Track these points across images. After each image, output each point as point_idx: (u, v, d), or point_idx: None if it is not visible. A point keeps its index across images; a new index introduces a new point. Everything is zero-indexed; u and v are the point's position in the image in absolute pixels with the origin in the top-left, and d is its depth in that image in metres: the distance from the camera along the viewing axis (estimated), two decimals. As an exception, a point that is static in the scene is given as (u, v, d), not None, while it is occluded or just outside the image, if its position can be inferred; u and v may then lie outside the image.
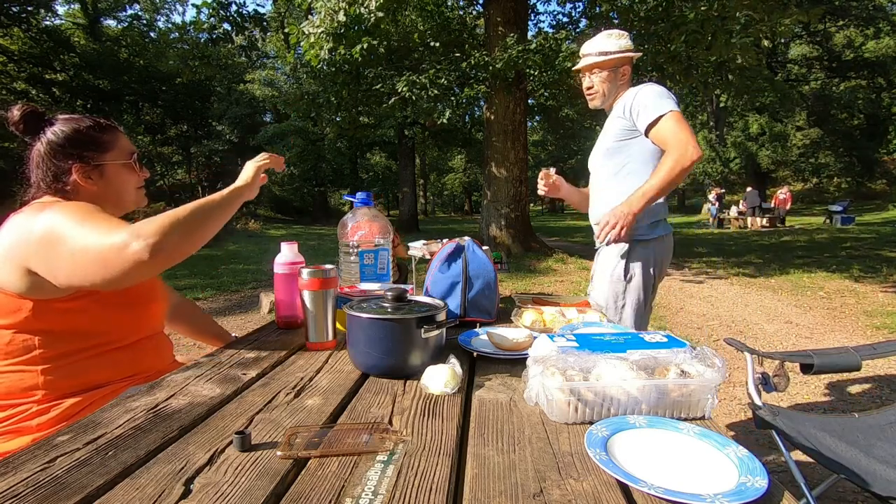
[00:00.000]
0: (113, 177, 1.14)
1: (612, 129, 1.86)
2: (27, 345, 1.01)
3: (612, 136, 1.85)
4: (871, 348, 1.50)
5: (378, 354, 0.93)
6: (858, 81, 23.73)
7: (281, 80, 27.41)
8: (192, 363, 1.04)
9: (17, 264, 0.97)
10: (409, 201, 19.82)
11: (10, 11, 15.58)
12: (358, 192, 1.45)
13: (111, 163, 1.13)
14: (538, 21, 13.24)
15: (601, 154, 1.90)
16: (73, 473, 0.60)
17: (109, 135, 1.14)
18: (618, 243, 1.77)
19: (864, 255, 8.50)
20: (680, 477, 0.60)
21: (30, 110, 1.09)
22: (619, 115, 1.83)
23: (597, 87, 1.89)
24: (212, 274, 7.73)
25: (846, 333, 4.15)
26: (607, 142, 1.87)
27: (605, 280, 1.83)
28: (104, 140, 1.13)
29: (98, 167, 1.11)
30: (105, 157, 1.12)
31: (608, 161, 1.87)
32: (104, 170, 1.12)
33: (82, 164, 1.09)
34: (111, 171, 1.13)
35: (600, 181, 1.91)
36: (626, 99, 1.81)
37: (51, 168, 1.08)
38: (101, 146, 1.12)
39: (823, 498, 1.88)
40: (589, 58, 1.87)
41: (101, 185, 1.12)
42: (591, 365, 0.79)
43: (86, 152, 1.09)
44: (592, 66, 1.87)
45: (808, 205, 25.26)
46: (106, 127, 1.15)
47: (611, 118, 1.89)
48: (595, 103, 1.94)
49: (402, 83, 7.99)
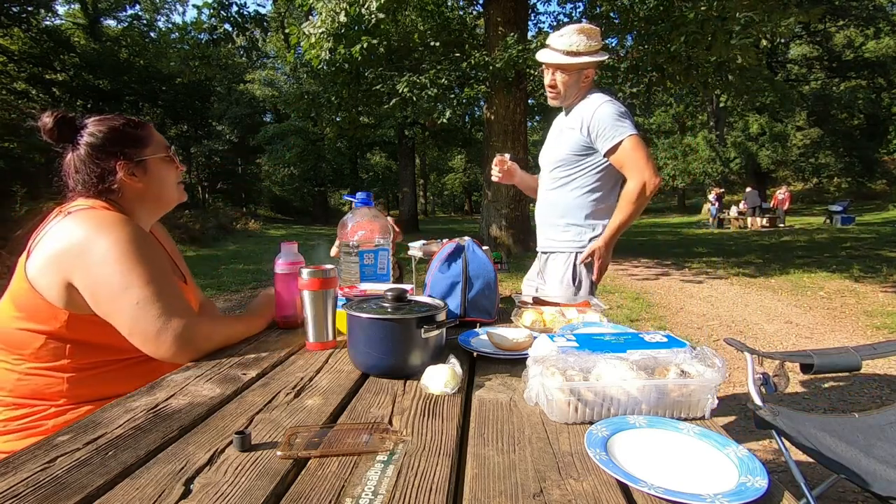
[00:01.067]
0: (155, 172, 1.15)
1: (569, 141, 1.86)
2: (58, 352, 1.02)
3: (567, 147, 1.87)
4: (871, 348, 1.50)
5: (378, 354, 0.93)
6: (858, 81, 23.73)
7: (281, 80, 27.42)
8: (192, 363, 1.04)
9: (60, 276, 0.97)
10: (409, 201, 19.83)
11: (10, 11, 15.58)
12: (358, 192, 1.45)
13: (152, 157, 1.14)
14: (538, 21, 13.21)
15: (555, 159, 1.91)
16: (73, 473, 0.60)
17: (145, 130, 1.15)
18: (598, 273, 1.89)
19: (864, 255, 8.50)
20: (680, 477, 0.60)
21: (62, 116, 1.08)
22: (575, 127, 1.83)
23: (559, 88, 1.87)
24: (212, 274, 7.74)
25: (846, 333, 4.15)
26: (562, 151, 1.88)
27: (555, 286, 1.92)
28: (141, 136, 1.14)
29: (140, 163, 1.12)
30: (145, 152, 1.13)
31: (559, 169, 1.91)
32: (146, 165, 1.13)
33: (126, 161, 1.10)
34: (153, 166, 1.14)
35: (549, 184, 1.95)
36: (584, 112, 1.81)
37: (94, 170, 1.08)
38: (140, 142, 1.13)
39: (823, 498, 1.88)
40: (556, 55, 1.82)
41: (145, 181, 1.13)
42: (591, 365, 0.79)
43: (127, 149, 1.10)
44: (557, 67, 1.84)
45: (808, 205, 25.25)
46: (140, 123, 1.16)
47: (567, 125, 1.89)
48: (555, 102, 1.93)
49: (403, 83, 8.00)
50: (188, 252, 11.23)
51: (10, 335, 1.01)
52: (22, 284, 1.00)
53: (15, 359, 1.02)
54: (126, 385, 1.08)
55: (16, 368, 1.02)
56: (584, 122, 1.80)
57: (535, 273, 2.08)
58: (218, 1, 8.97)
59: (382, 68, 8.95)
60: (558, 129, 1.95)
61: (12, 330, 1.01)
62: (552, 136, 1.98)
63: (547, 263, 1.99)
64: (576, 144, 1.84)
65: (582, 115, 1.82)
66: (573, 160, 1.86)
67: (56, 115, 1.07)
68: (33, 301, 0.99)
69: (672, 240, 13.45)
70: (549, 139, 2.01)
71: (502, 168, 1.97)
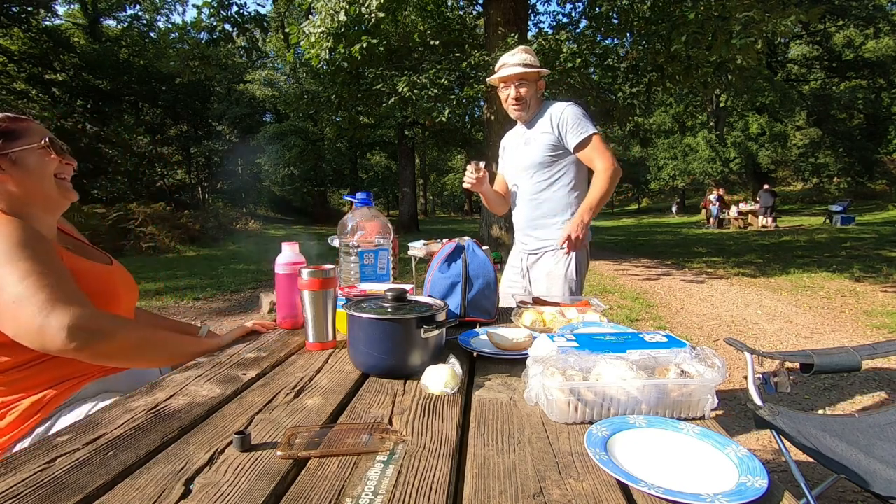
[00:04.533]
0: (27, 164, 1.07)
1: (541, 144, 1.97)
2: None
3: (541, 150, 1.97)
4: (871, 348, 1.50)
5: (378, 354, 0.93)
6: (858, 81, 23.74)
7: (281, 80, 27.43)
8: (192, 363, 1.04)
9: None
10: (408, 201, 19.82)
11: (9, 12, 15.59)
12: (358, 192, 1.45)
13: (22, 149, 1.07)
14: (538, 21, 13.21)
15: (530, 166, 2.00)
16: (72, 474, 0.60)
17: (19, 124, 1.09)
18: (576, 250, 1.96)
19: (864, 255, 8.50)
20: (680, 477, 0.60)
21: None
22: (545, 130, 1.97)
23: (526, 99, 1.98)
24: (212, 274, 7.73)
25: (846, 333, 4.15)
26: (537, 155, 1.98)
27: (558, 281, 1.99)
28: (12, 129, 1.08)
29: (6, 156, 1.05)
30: (15, 144, 1.07)
31: (539, 173, 2.00)
32: (16, 158, 1.06)
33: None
34: (24, 158, 1.07)
35: (531, 191, 2.03)
36: (552, 114, 1.95)
37: None
38: (10, 135, 1.07)
39: (823, 498, 1.88)
40: (515, 68, 1.94)
41: (14, 174, 1.06)
42: (590, 365, 0.79)
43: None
44: (520, 77, 1.95)
45: (808, 205, 25.26)
46: (15, 118, 1.10)
47: (534, 132, 2.01)
48: (522, 114, 2.02)
49: (403, 83, 7.99)
50: (188, 252, 11.24)
51: None
52: None
53: None
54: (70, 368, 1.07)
55: None
56: (554, 121, 1.95)
57: (519, 275, 2.14)
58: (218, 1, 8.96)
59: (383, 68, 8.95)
60: (522, 141, 2.06)
61: None
62: (517, 148, 2.08)
63: (538, 263, 2.06)
64: (548, 146, 1.96)
65: (550, 116, 1.96)
66: (550, 161, 1.98)
67: None
68: None
69: (672, 240, 13.46)
70: (512, 152, 2.11)
71: (478, 175, 2.00)
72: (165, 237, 11.54)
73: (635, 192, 37.19)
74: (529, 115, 2.03)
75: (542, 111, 2.01)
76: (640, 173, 31.57)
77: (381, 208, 32.05)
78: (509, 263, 2.24)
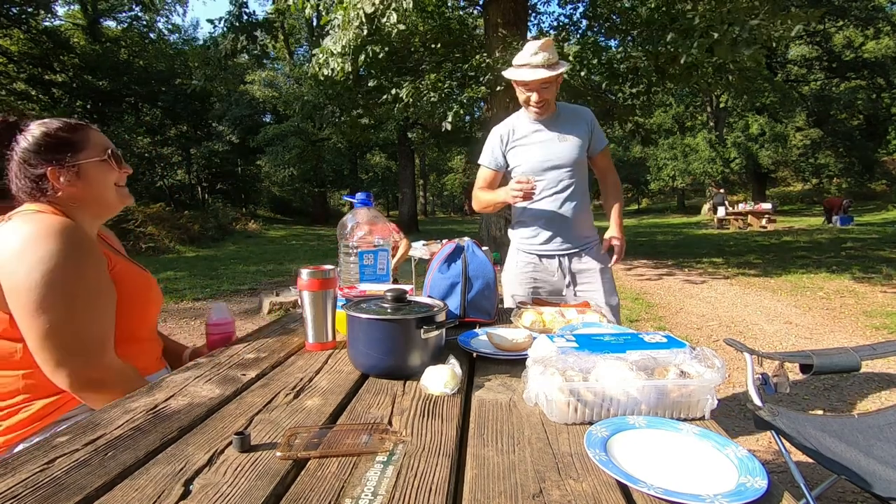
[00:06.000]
0: (91, 176, 1.11)
1: (578, 142, 1.94)
2: (9, 351, 1.01)
3: (579, 148, 1.95)
4: (871, 348, 1.50)
5: (378, 355, 0.93)
6: (858, 82, 23.73)
7: (280, 80, 27.43)
8: (192, 363, 1.04)
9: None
10: (408, 202, 19.82)
11: (9, 12, 15.59)
12: (358, 192, 1.45)
13: (85, 162, 1.10)
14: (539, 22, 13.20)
15: (570, 163, 1.94)
16: (72, 474, 0.60)
17: (80, 134, 1.12)
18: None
19: (863, 255, 8.49)
20: (679, 477, 0.60)
21: (2, 121, 1.07)
22: (581, 129, 1.96)
23: (548, 101, 1.91)
24: (211, 275, 7.73)
25: (846, 334, 4.15)
26: (576, 153, 1.94)
27: (608, 273, 2.02)
28: (74, 140, 1.10)
29: (73, 168, 1.09)
30: (79, 156, 1.10)
31: (576, 171, 1.96)
32: (80, 170, 1.10)
33: (57, 166, 1.07)
34: (87, 170, 1.11)
35: (569, 188, 1.95)
36: (585, 116, 1.99)
37: (28, 175, 1.07)
38: (74, 146, 1.09)
39: (823, 498, 1.88)
40: (541, 71, 1.84)
41: (79, 186, 1.10)
42: (590, 365, 0.79)
43: (58, 154, 1.07)
44: (545, 81, 1.86)
45: (808, 205, 25.26)
46: (76, 126, 1.12)
47: (565, 128, 1.96)
48: (542, 116, 1.96)
49: (405, 91, 8.00)
50: (188, 253, 11.24)
51: None
52: None
53: None
54: None
55: None
56: (588, 122, 1.98)
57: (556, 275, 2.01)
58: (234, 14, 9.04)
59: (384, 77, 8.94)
60: (551, 137, 1.96)
61: None
62: (546, 143, 1.97)
63: (581, 259, 2.01)
64: (584, 145, 1.97)
65: (583, 117, 1.98)
66: (581, 162, 1.98)
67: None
68: None
69: (672, 240, 13.46)
70: (537, 147, 1.97)
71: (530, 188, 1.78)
72: (165, 238, 11.54)
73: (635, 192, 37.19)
74: (550, 111, 1.97)
75: (565, 110, 2.01)
76: (640, 174, 31.56)
77: (381, 209, 32.04)
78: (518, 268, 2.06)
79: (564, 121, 1.98)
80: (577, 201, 1.98)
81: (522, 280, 2.06)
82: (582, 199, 1.99)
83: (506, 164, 2.06)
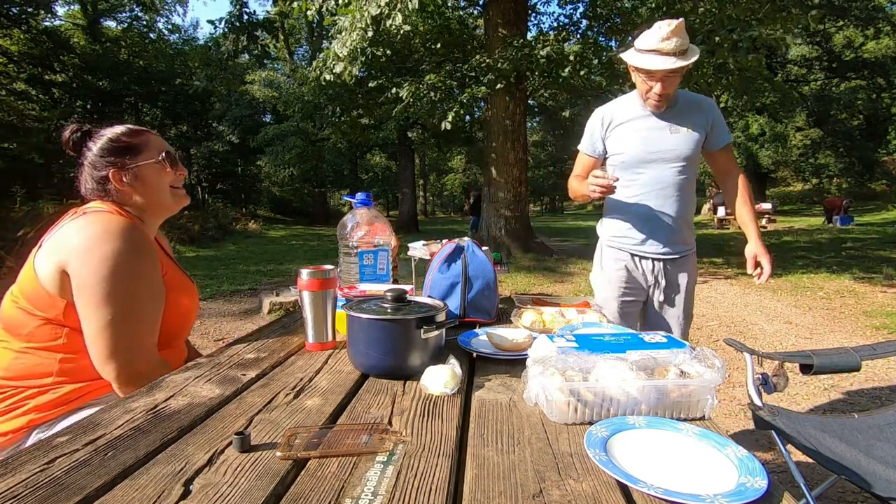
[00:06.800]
0: (147, 178, 1.19)
1: (694, 136, 1.76)
2: (55, 334, 1.07)
3: (694, 142, 1.76)
4: (871, 349, 1.50)
5: (378, 355, 0.93)
6: (858, 82, 23.73)
7: (281, 80, 27.41)
8: (192, 363, 1.04)
9: (59, 264, 1.03)
10: (408, 202, 19.81)
11: (9, 12, 15.58)
12: (358, 192, 1.45)
13: (142, 164, 1.19)
14: (539, 22, 13.18)
15: (680, 158, 1.76)
16: (72, 474, 0.60)
17: (139, 138, 1.20)
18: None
19: (863, 255, 8.49)
20: (679, 477, 0.60)
21: (77, 130, 1.17)
22: (699, 122, 1.77)
23: (672, 93, 1.72)
24: (211, 275, 7.73)
25: (846, 334, 4.15)
26: (690, 148, 1.76)
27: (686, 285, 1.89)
28: (134, 144, 1.19)
29: (131, 170, 1.17)
30: (137, 159, 1.18)
31: (687, 167, 1.78)
32: (138, 172, 1.18)
33: (118, 169, 1.16)
34: (144, 172, 1.19)
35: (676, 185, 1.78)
36: (706, 108, 1.78)
37: (93, 177, 1.16)
38: (132, 150, 1.18)
39: (823, 498, 1.88)
40: (672, 59, 1.62)
41: (137, 186, 1.18)
42: (590, 365, 0.79)
43: (118, 158, 1.17)
44: (681, 70, 1.65)
45: (808, 205, 25.25)
46: (137, 132, 1.21)
47: (680, 121, 1.76)
48: (661, 107, 1.75)
49: (406, 91, 8.01)
50: (188, 253, 11.24)
51: (13, 317, 1.07)
52: (29, 273, 1.06)
53: (13, 338, 1.08)
54: None
55: (11, 347, 1.08)
56: (709, 116, 1.78)
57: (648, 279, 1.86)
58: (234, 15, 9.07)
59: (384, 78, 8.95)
60: (663, 127, 1.77)
61: (15, 312, 1.08)
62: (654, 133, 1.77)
63: (679, 267, 1.85)
64: (700, 140, 1.78)
65: (704, 110, 1.78)
66: (696, 156, 1.79)
67: (72, 130, 1.18)
68: (35, 289, 1.05)
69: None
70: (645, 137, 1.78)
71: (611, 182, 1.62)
72: (165, 237, 11.52)
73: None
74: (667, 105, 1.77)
75: (681, 97, 1.79)
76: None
77: (381, 209, 32.06)
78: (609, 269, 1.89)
79: (680, 110, 1.77)
80: (682, 202, 1.79)
81: (614, 280, 1.88)
82: (688, 200, 1.81)
83: (605, 150, 1.86)
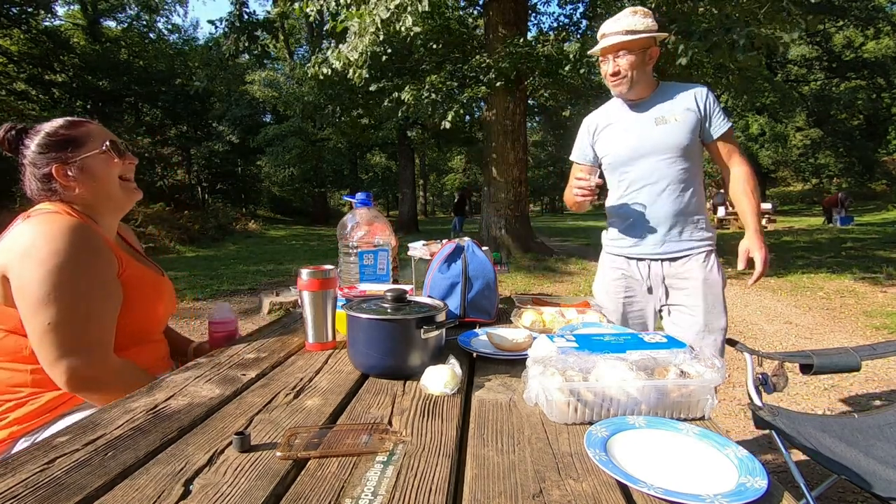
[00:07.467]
0: (94, 170, 1.12)
1: (684, 123, 1.64)
2: (18, 345, 1.03)
3: (686, 129, 1.64)
4: (871, 349, 1.50)
5: (378, 355, 0.93)
6: (858, 82, 23.73)
7: (281, 80, 27.42)
8: (192, 363, 1.04)
9: (1, 272, 0.99)
10: (408, 202, 19.81)
11: (9, 12, 15.59)
12: (358, 192, 1.45)
13: (86, 156, 1.11)
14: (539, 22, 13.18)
15: (672, 148, 1.65)
16: (72, 474, 0.60)
17: (80, 129, 1.12)
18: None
19: (863, 255, 8.49)
20: (679, 477, 0.60)
21: (10, 128, 1.10)
22: (688, 107, 1.65)
23: (624, 72, 1.63)
24: (211, 275, 7.73)
25: (846, 334, 4.15)
26: (682, 136, 1.64)
27: (716, 288, 1.71)
28: (75, 136, 1.11)
29: (75, 164, 1.10)
30: (80, 152, 1.11)
31: (682, 159, 1.66)
32: (83, 164, 1.11)
33: (60, 164, 1.09)
34: (89, 164, 1.11)
35: (674, 179, 1.67)
36: (696, 93, 1.67)
37: (36, 176, 1.09)
38: (74, 142, 1.11)
39: (823, 498, 1.88)
40: (614, 37, 1.62)
41: (84, 180, 1.11)
42: (590, 365, 0.79)
43: (60, 152, 1.09)
44: (619, 47, 1.62)
45: (808, 205, 25.25)
46: (75, 123, 1.13)
47: (667, 109, 1.67)
48: (622, 89, 1.67)
49: (407, 93, 8.01)
50: (188, 253, 11.24)
51: None
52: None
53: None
54: None
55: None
56: (700, 100, 1.66)
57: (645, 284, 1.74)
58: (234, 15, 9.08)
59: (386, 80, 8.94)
60: (646, 119, 1.70)
61: None
62: (637, 126, 1.70)
63: (682, 267, 1.71)
64: (693, 126, 1.65)
65: (694, 95, 1.67)
66: (689, 146, 1.66)
67: (5, 129, 1.10)
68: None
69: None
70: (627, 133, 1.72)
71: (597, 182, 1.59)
72: (165, 237, 11.54)
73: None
74: (638, 88, 1.67)
75: (669, 89, 1.70)
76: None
77: (381, 209, 32.07)
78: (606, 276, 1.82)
79: (663, 101, 1.69)
80: (678, 196, 1.67)
81: (612, 290, 1.79)
82: (685, 193, 1.68)
83: (595, 156, 1.81)
